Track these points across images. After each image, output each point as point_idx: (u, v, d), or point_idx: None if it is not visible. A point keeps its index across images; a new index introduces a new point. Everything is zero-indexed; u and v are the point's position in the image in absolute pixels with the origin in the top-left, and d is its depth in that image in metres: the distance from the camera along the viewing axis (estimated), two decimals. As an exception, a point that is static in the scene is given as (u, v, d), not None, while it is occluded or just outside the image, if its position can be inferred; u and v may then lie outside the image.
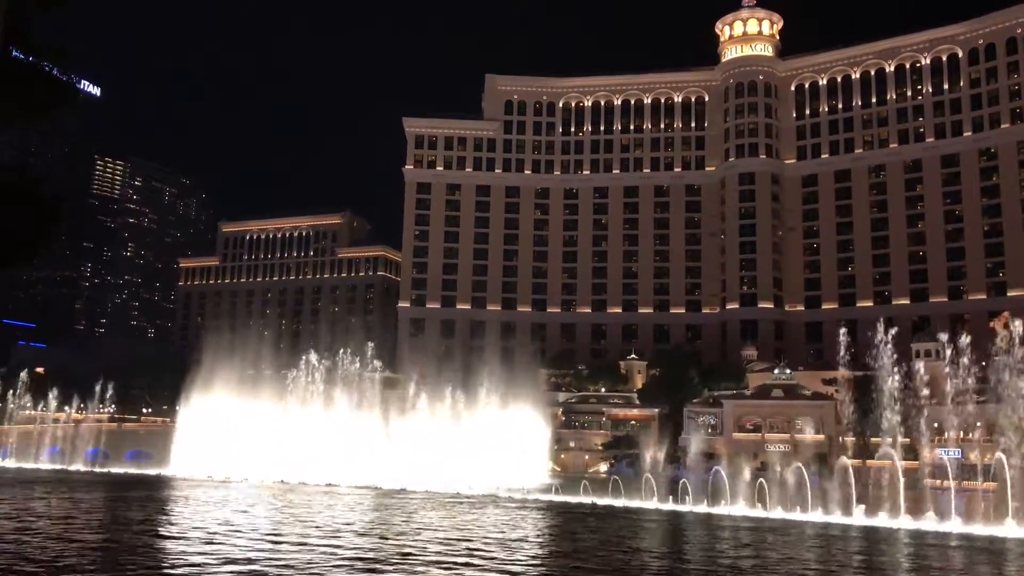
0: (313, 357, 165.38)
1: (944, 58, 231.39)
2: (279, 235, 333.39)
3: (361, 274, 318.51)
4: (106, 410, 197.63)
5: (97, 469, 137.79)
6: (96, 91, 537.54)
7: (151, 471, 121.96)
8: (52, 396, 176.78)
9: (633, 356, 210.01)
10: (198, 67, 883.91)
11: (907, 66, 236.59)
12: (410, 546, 44.64)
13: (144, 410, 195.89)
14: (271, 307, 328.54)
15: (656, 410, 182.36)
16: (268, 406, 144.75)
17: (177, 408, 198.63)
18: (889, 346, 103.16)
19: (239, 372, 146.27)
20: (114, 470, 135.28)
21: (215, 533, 47.26)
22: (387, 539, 47.77)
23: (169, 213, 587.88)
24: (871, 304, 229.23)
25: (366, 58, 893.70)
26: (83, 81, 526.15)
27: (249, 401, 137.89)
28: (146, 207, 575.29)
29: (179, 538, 45.43)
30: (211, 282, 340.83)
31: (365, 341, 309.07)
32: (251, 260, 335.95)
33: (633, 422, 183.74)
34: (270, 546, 42.73)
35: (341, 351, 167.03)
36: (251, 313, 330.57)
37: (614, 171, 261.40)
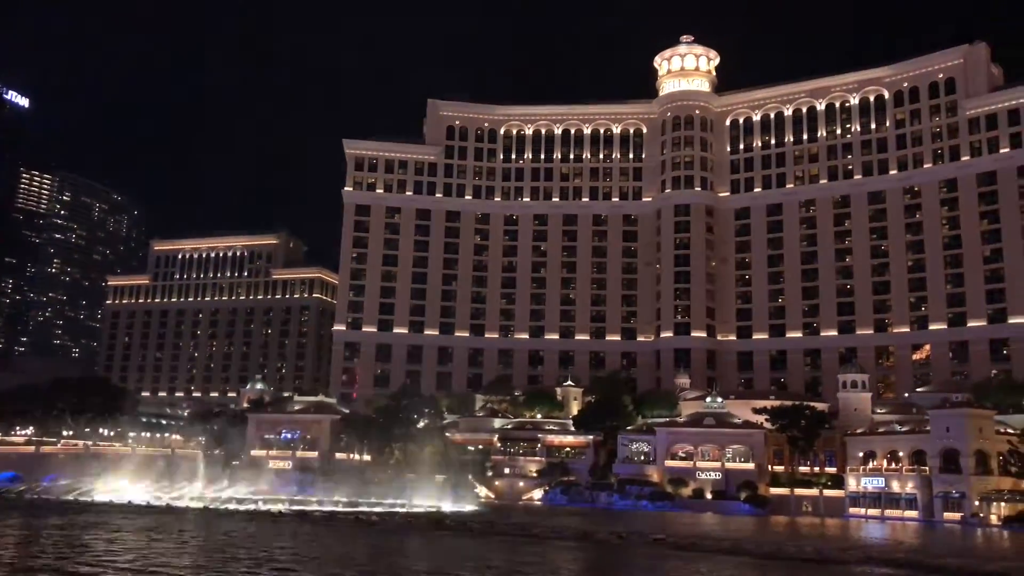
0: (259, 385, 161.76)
1: (871, 99, 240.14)
2: (212, 255, 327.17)
3: (296, 296, 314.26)
4: (23, 433, 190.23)
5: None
6: (24, 102, 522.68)
7: (71, 495, 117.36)
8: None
9: (569, 383, 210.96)
10: (133, 85, 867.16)
11: (837, 105, 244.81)
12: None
13: (65, 433, 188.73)
14: (202, 328, 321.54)
15: (591, 437, 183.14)
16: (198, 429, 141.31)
17: (102, 431, 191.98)
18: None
19: (168, 395, 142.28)
20: (28, 496, 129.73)
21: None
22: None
23: (98, 230, 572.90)
24: (800, 335, 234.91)
25: (306, 77, 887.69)
26: (10, 92, 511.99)
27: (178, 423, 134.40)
28: (74, 223, 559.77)
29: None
30: (141, 301, 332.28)
31: (299, 364, 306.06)
32: (183, 280, 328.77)
33: (568, 449, 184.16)
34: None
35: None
36: (181, 334, 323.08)
37: (553, 199, 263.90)
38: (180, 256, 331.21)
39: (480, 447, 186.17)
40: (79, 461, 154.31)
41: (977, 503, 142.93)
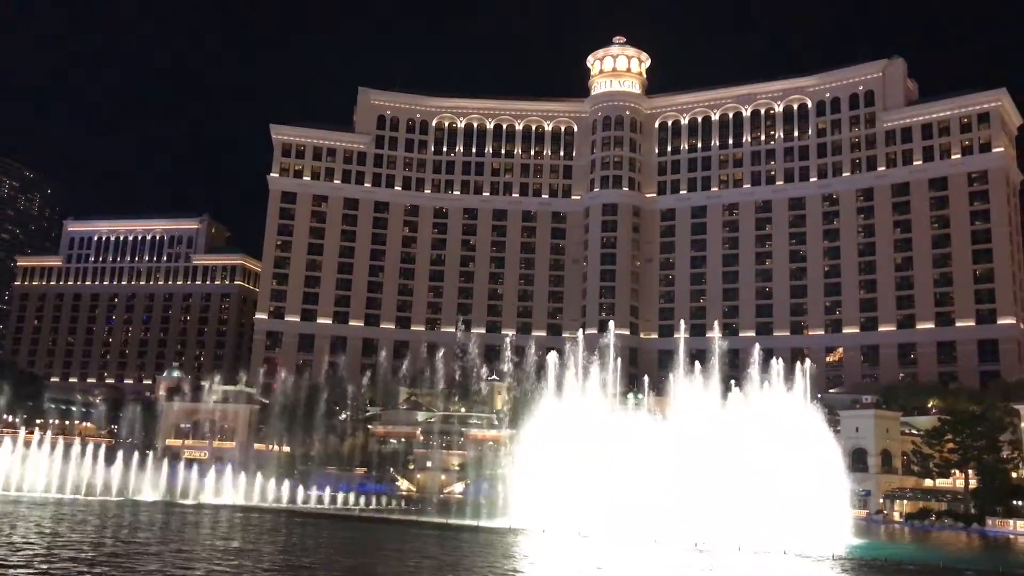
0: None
1: (795, 107, 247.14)
2: (130, 237, 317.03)
3: (217, 283, 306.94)
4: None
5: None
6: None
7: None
8: None
9: (494, 377, 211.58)
10: (49, 60, 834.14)
11: (762, 112, 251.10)
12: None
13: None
14: (118, 313, 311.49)
15: (514, 431, 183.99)
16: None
17: (7, 417, 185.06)
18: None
19: (79, 381, 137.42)
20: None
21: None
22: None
23: (8, 207, 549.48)
24: (720, 336, 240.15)
25: (234, 59, 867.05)
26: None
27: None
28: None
29: None
30: (52, 283, 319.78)
31: (218, 352, 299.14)
32: (99, 262, 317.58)
33: (491, 443, 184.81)
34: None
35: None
36: (95, 319, 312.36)
37: (484, 193, 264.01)
38: (96, 238, 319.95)
39: (403, 440, 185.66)
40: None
41: (882, 500, 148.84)
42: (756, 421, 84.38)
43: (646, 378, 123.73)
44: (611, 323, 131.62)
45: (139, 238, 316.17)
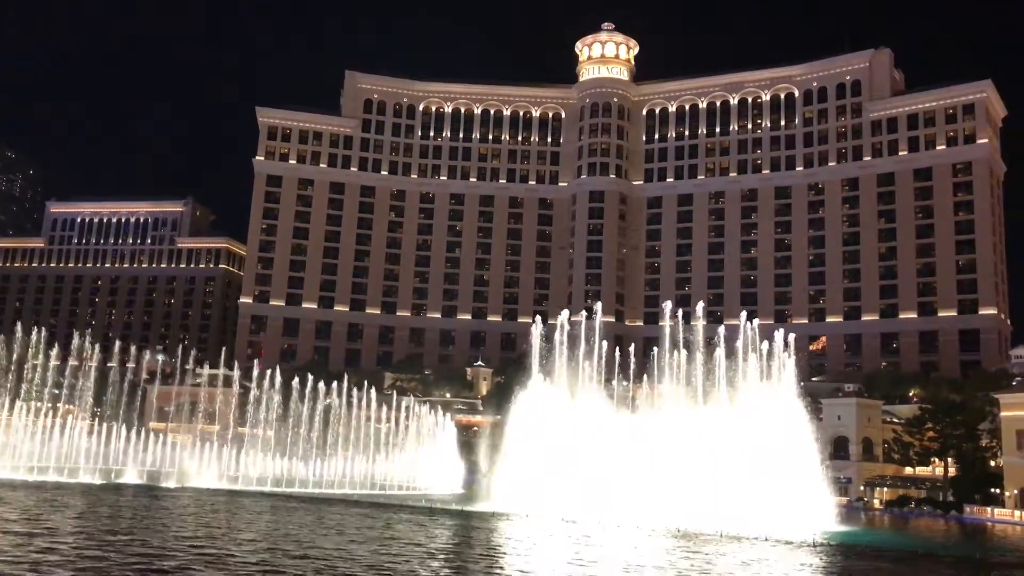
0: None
1: (782, 96, 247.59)
2: (114, 220, 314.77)
3: (201, 266, 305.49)
4: None
5: None
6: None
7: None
8: None
9: (480, 363, 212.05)
10: (32, 38, 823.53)
11: (749, 100, 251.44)
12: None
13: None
14: (101, 296, 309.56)
15: (499, 417, 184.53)
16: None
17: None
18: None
19: (61, 364, 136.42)
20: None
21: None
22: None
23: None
24: (704, 323, 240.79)
25: (220, 39, 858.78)
26: None
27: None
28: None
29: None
30: (35, 265, 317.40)
31: (202, 336, 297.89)
32: (81, 244, 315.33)
33: (476, 429, 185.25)
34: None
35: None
36: (78, 301, 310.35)
37: (471, 179, 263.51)
38: (79, 220, 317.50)
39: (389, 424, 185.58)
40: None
41: (862, 488, 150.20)
42: (739, 408, 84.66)
43: (632, 364, 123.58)
44: (599, 305, 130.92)
45: (123, 220, 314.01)
